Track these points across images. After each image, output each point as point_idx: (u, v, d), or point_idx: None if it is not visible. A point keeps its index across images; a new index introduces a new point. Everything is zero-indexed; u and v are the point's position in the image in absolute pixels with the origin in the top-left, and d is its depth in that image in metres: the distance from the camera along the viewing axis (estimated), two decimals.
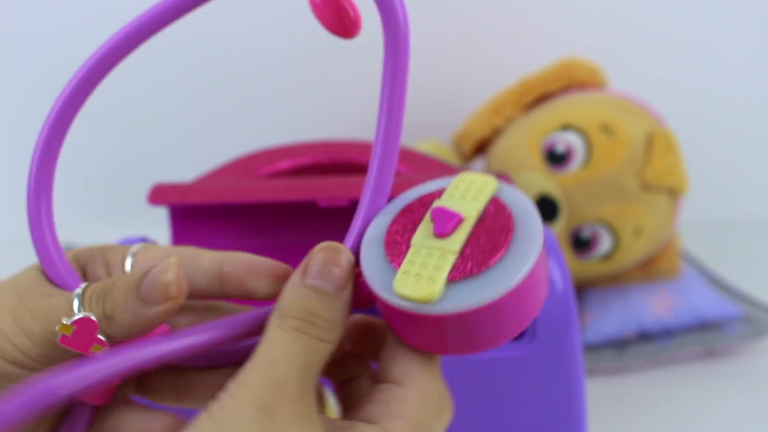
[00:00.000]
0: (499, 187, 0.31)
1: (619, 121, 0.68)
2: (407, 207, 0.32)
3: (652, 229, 0.68)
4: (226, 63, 0.86)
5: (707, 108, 0.88)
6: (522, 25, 0.86)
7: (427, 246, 0.29)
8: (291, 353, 0.28)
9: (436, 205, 0.31)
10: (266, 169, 0.56)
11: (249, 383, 0.28)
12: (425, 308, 0.28)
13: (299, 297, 0.29)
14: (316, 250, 0.30)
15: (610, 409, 0.62)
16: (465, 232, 0.30)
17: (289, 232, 0.52)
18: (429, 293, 0.28)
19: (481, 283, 0.28)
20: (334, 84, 0.86)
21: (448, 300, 0.28)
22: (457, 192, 0.31)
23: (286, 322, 0.29)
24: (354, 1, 0.31)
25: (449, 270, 0.29)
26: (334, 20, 0.31)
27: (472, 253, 0.29)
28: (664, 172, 0.67)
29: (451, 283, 0.29)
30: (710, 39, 0.87)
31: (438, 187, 0.32)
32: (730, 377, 0.67)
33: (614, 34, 0.86)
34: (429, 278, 0.29)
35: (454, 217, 0.30)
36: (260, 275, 0.32)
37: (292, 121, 0.88)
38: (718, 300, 0.71)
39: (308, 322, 0.29)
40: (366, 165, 0.32)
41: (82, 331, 0.30)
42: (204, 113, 0.87)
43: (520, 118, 0.72)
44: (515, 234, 0.29)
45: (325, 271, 0.30)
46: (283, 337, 0.29)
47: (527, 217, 0.30)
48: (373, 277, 0.30)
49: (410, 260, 0.29)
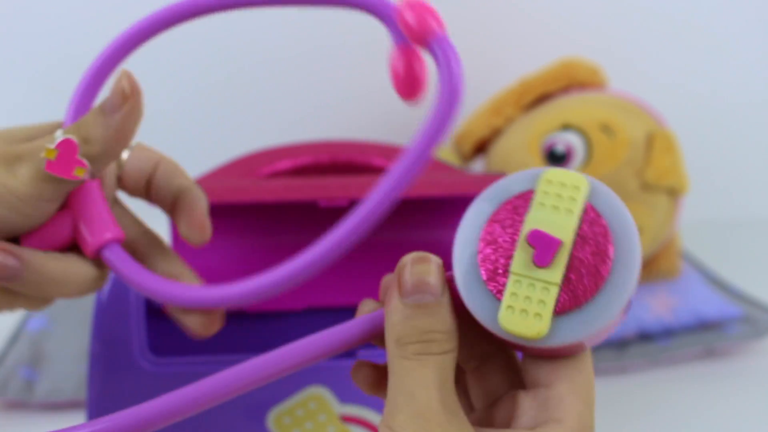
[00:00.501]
0: (591, 190, 0.30)
1: (619, 121, 0.68)
2: (497, 213, 0.31)
3: (652, 229, 0.68)
4: (226, 63, 0.85)
5: (707, 108, 0.88)
6: (522, 25, 0.86)
7: (528, 277, 0.29)
8: (424, 381, 0.29)
9: (531, 223, 0.30)
10: (266, 169, 0.56)
11: (397, 425, 0.28)
12: (534, 342, 0.29)
13: (407, 319, 0.30)
14: (403, 265, 0.31)
15: (610, 409, 0.62)
16: (565, 258, 0.29)
17: (289, 232, 0.52)
18: (538, 332, 0.29)
19: (586, 316, 0.29)
20: (334, 84, 0.86)
21: (555, 336, 0.29)
22: (548, 200, 0.30)
23: (407, 350, 0.29)
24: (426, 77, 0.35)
25: (554, 304, 0.29)
26: (407, 89, 0.35)
27: (575, 284, 0.29)
28: (664, 172, 0.67)
29: (556, 316, 0.29)
30: (710, 39, 0.87)
31: (524, 186, 0.31)
32: (730, 377, 0.67)
33: (614, 34, 0.86)
34: (536, 315, 0.29)
35: (553, 244, 0.29)
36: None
37: (292, 121, 0.88)
38: (718, 300, 0.71)
39: (426, 341, 0.29)
40: (366, 165, 0.33)
41: (65, 153, 0.34)
42: (204, 113, 0.87)
43: (520, 118, 0.72)
44: (615, 257, 0.29)
45: (421, 283, 0.30)
46: (410, 366, 0.29)
47: (624, 231, 0.30)
48: (475, 306, 0.30)
49: (513, 293, 0.29)
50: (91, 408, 0.45)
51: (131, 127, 0.35)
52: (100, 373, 0.46)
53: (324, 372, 0.46)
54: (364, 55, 0.84)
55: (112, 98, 0.35)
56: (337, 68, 0.86)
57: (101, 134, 0.35)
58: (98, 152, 0.35)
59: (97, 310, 0.46)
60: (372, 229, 0.33)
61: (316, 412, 0.46)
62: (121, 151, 0.36)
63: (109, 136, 0.35)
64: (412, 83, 0.34)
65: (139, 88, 0.35)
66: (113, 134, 0.35)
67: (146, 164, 0.39)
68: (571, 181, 0.30)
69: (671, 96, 0.82)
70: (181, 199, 0.38)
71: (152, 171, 0.39)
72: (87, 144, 0.34)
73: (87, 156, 0.34)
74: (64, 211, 0.36)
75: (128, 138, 0.35)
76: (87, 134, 0.35)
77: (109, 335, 0.46)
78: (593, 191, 0.30)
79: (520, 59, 0.80)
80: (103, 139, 0.35)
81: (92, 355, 0.46)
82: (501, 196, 0.31)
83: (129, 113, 0.35)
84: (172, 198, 0.39)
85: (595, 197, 0.30)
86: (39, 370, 0.65)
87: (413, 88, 0.34)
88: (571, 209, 0.30)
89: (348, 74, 0.86)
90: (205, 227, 0.38)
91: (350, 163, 0.57)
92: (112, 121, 0.34)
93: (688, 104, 0.86)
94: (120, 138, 0.35)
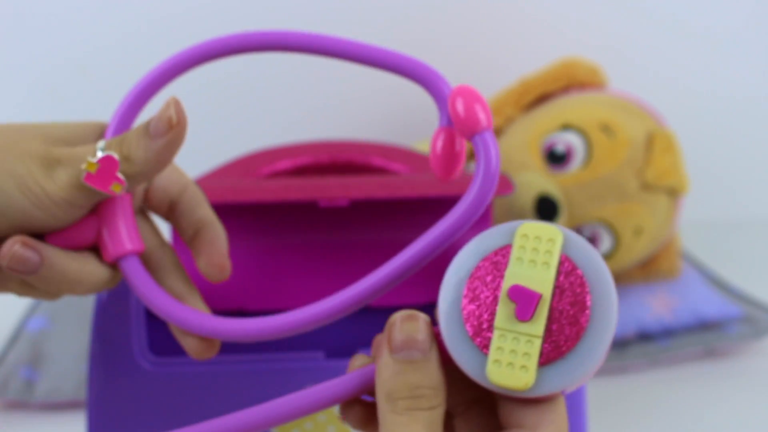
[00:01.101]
0: (566, 241, 0.32)
1: (619, 121, 0.68)
2: (477, 269, 0.32)
3: (652, 229, 0.68)
4: (226, 63, 0.85)
5: (707, 108, 0.88)
6: (522, 25, 0.86)
7: (512, 331, 0.31)
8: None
9: (511, 278, 0.31)
10: (266, 169, 0.56)
11: None
12: (522, 393, 0.31)
13: (397, 375, 0.31)
14: (392, 323, 0.32)
15: (610, 409, 0.62)
16: (545, 310, 0.31)
17: (289, 232, 0.52)
18: (525, 384, 0.30)
19: (569, 364, 0.30)
20: (334, 84, 0.86)
21: (542, 386, 0.31)
22: (525, 254, 0.31)
23: (397, 405, 0.31)
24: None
25: (538, 356, 0.30)
26: (441, 170, 0.35)
27: (557, 335, 0.31)
28: (664, 172, 0.67)
29: (541, 367, 0.30)
30: (710, 39, 0.87)
31: (501, 241, 0.32)
32: (730, 377, 0.67)
33: (614, 34, 0.86)
34: (522, 367, 0.30)
35: (533, 299, 0.31)
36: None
37: (292, 121, 0.88)
38: (718, 300, 0.71)
39: (416, 397, 0.31)
40: (366, 165, 0.33)
41: (105, 168, 0.35)
42: (204, 113, 0.87)
43: (520, 118, 0.72)
44: (593, 305, 0.31)
45: (410, 340, 0.31)
46: (401, 421, 0.31)
47: (599, 278, 0.31)
48: (463, 361, 0.31)
49: (499, 347, 0.31)
50: (91, 408, 0.46)
51: (172, 153, 0.36)
52: (100, 373, 0.46)
53: (323, 372, 0.46)
54: None
55: (159, 123, 0.35)
56: (337, 68, 0.86)
57: (143, 156, 0.35)
58: (137, 172, 0.36)
59: (97, 310, 0.46)
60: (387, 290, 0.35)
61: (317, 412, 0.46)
62: (157, 173, 0.37)
63: (149, 159, 0.36)
64: (447, 166, 0.35)
65: (186, 119, 0.36)
66: (153, 158, 0.36)
67: (173, 187, 0.40)
68: (546, 234, 0.31)
69: (671, 96, 0.82)
70: (203, 233, 0.40)
71: (178, 196, 0.40)
72: (127, 162, 0.35)
73: (125, 173, 0.35)
74: (90, 216, 0.37)
75: (167, 163, 0.36)
76: (129, 153, 0.36)
77: (109, 335, 0.46)
78: (567, 242, 0.32)
79: (520, 59, 0.80)
80: (144, 161, 0.36)
81: (92, 355, 0.46)
82: (480, 252, 0.32)
83: (172, 141, 0.36)
84: (193, 229, 0.40)
85: (569, 248, 0.32)
86: (39, 370, 0.65)
87: (447, 171, 0.36)
88: (548, 262, 0.31)
89: (348, 74, 0.86)
90: (225, 267, 0.39)
91: (350, 163, 0.57)
92: (155, 145, 0.35)
93: (688, 104, 0.86)
94: (159, 162, 0.36)
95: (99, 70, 0.85)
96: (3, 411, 0.63)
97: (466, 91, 0.34)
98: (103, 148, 0.36)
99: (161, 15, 0.84)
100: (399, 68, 0.36)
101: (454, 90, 0.34)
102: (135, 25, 0.85)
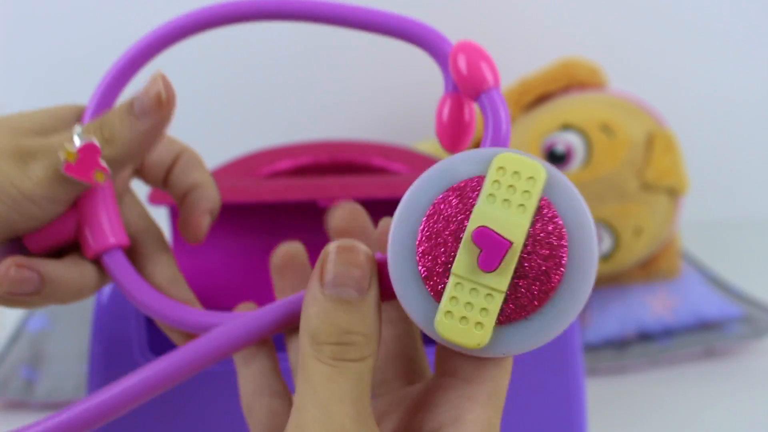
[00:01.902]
0: (549, 182, 0.27)
1: (619, 121, 0.68)
2: (441, 200, 0.27)
3: (652, 229, 0.68)
4: (226, 63, 0.85)
5: (707, 108, 0.88)
6: (522, 25, 0.86)
7: (471, 281, 0.26)
8: (340, 393, 0.26)
9: (478, 218, 0.26)
10: (266, 169, 0.56)
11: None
12: (472, 351, 0.26)
13: (325, 314, 0.26)
14: (327, 252, 0.27)
15: (610, 409, 0.62)
16: (513, 262, 0.26)
17: (289, 232, 0.52)
18: (477, 343, 0.26)
19: (531, 328, 0.26)
20: (334, 84, 0.86)
21: (496, 347, 0.26)
22: (499, 191, 0.26)
23: (322, 352, 0.26)
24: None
25: (497, 313, 0.26)
26: (448, 140, 0.31)
27: (522, 292, 0.26)
28: (664, 172, 0.67)
29: (499, 326, 0.26)
30: (711, 39, 0.87)
31: (473, 170, 0.27)
32: (730, 377, 0.67)
33: (614, 34, 0.86)
34: (477, 324, 0.26)
35: (501, 247, 0.26)
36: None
37: (292, 121, 0.88)
38: (718, 300, 0.71)
39: (345, 344, 0.26)
40: (366, 165, 0.33)
41: (86, 157, 0.31)
42: (204, 113, 0.87)
43: (520, 118, 0.72)
44: (569, 264, 0.26)
45: (345, 276, 0.26)
46: (324, 372, 0.26)
47: (581, 233, 0.26)
48: (409, 304, 0.27)
49: (453, 296, 0.26)
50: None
51: (160, 134, 0.32)
52: (100, 373, 0.46)
53: None
54: (365, 56, 0.84)
55: (146, 101, 0.32)
56: (337, 68, 0.86)
57: (128, 137, 0.32)
58: (120, 155, 0.32)
59: (97, 310, 0.46)
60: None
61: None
62: (143, 157, 0.33)
63: (135, 140, 0.32)
64: (454, 135, 0.31)
65: (175, 95, 0.32)
66: (139, 139, 0.32)
67: (167, 156, 0.36)
68: (527, 170, 0.26)
69: (671, 96, 0.82)
70: (190, 194, 0.36)
71: (172, 163, 0.36)
72: (109, 145, 0.32)
73: (108, 159, 0.32)
74: (69, 210, 0.34)
75: (154, 145, 0.33)
76: (111, 135, 0.32)
77: (109, 335, 0.46)
78: (551, 183, 0.26)
79: (520, 59, 0.80)
80: (129, 143, 0.32)
81: (92, 355, 0.46)
82: (446, 179, 0.27)
83: (161, 120, 0.32)
84: (183, 192, 0.36)
85: (552, 190, 0.26)
86: (39, 369, 0.65)
87: (455, 141, 0.31)
88: (525, 204, 0.26)
89: (348, 74, 0.86)
90: (200, 227, 0.35)
91: (350, 163, 0.57)
92: (141, 126, 0.32)
93: (689, 104, 0.86)
94: (146, 144, 0.32)
95: (99, 70, 0.85)
96: (3, 411, 0.63)
97: (469, 46, 0.30)
98: (80, 133, 0.32)
99: (161, 15, 0.84)
100: (398, 31, 0.33)
101: (456, 46, 0.30)
102: (135, 25, 0.85)
